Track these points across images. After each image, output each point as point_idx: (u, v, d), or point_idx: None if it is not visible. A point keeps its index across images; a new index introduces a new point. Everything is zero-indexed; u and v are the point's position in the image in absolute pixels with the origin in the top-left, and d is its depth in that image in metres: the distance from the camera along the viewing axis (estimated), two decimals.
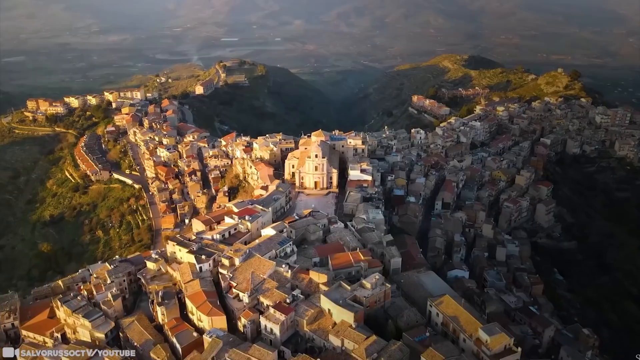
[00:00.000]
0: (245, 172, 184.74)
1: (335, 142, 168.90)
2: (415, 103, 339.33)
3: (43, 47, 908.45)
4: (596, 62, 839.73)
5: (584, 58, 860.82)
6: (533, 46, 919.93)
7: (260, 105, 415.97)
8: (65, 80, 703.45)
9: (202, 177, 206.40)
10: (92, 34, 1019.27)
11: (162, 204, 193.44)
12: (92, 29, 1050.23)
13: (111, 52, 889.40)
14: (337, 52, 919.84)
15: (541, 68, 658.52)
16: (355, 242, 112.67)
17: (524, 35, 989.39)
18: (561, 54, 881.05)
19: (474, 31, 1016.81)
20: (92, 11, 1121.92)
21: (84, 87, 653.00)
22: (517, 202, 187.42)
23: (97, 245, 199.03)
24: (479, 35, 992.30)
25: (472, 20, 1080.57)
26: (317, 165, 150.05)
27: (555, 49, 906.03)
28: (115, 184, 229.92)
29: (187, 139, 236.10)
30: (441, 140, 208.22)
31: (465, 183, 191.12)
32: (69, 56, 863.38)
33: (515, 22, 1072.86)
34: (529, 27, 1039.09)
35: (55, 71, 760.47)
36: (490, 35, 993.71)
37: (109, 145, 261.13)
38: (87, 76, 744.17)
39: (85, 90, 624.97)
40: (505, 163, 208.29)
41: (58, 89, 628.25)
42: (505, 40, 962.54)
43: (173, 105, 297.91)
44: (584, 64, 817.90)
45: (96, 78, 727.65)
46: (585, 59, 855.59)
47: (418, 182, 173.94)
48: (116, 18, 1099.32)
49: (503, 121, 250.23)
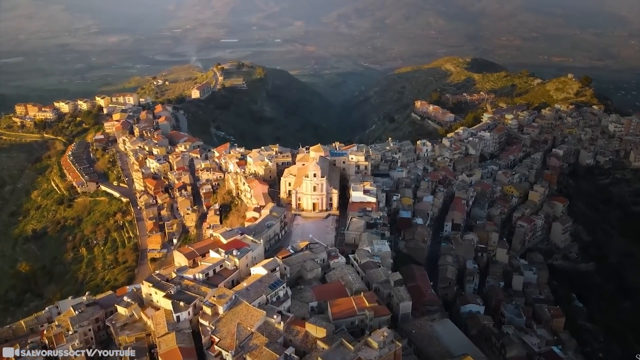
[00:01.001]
0: (238, 189, 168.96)
1: (335, 158, 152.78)
2: (418, 109, 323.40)
3: (41, 48, 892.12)
4: (598, 65, 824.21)
5: (585, 60, 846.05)
6: (534, 48, 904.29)
7: (258, 110, 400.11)
8: (63, 82, 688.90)
9: (193, 191, 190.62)
10: (91, 35, 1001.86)
11: (150, 221, 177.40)
12: (91, 30, 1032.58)
13: (110, 53, 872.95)
14: (338, 53, 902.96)
15: (542, 70, 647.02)
16: (358, 282, 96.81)
17: (524, 37, 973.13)
18: (562, 55, 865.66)
19: (475, 33, 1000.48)
20: (92, 12, 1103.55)
21: (81, 89, 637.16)
22: (532, 220, 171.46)
23: (79, 264, 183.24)
24: (480, 37, 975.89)
25: (472, 21, 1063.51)
26: (315, 185, 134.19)
27: (556, 50, 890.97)
28: (102, 196, 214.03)
29: (179, 148, 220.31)
30: (449, 152, 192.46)
31: (476, 200, 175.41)
32: (67, 57, 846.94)
33: (515, 23, 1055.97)
34: (529, 28, 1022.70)
35: (53, 72, 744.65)
36: (491, 37, 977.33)
37: (97, 154, 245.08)
38: (85, 78, 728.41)
39: (82, 92, 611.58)
40: (517, 177, 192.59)
41: (55, 91, 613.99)
42: (506, 42, 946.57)
43: (166, 111, 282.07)
44: (586, 66, 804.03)
45: (94, 79, 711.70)
46: (586, 61, 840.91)
47: (425, 200, 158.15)
48: (116, 19, 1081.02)
49: (512, 130, 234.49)
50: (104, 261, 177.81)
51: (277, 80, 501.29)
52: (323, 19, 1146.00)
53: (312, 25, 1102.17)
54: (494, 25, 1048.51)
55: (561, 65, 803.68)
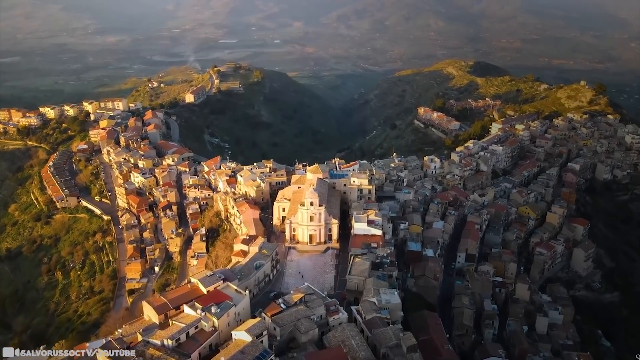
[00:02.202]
0: (227, 211, 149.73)
1: (335, 181, 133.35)
2: (421, 116, 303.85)
3: (39, 48, 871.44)
4: (598, 67, 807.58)
5: (585, 62, 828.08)
6: (534, 50, 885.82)
7: (255, 114, 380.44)
8: (59, 83, 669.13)
9: (180, 210, 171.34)
10: (90, 35, 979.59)
11: (130, 245, 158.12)
12: (89, 30, 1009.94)
13: (108, 53, 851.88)
14: (337, 54, 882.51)
15: (544, 73, 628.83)
16: (363, 347, 77.74)
17: (525, 39, 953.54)
18: (563, 58, 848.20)
19: (475, 34, 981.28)
20: (90, 11, 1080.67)
21: (76, 90, 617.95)
22: (551, 247, 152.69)
23: (53, 291, 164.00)
24: (480, 39, 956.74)
25: (472, 23, 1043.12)
26: (312, 215, 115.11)
27: (556, 53, 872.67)
28: (82, 213, 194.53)
29: (167, 161, 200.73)
30: (459, 169, 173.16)
31: (489, 223, 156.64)
32: (64, 57, 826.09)
33: (516, 25, 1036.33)
34: (529, 30, 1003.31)
35: (50, 73, 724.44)
36: (491, 38, 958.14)
37: (80, 165, 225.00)
38: (81, 78, 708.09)
39: (77, 94, 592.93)
40: (532, 196, 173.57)
41: (50, 92, 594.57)
42: (506, 44, 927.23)
43: (157, 118, 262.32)
44: (586, 68, 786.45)
45: (90, 80, 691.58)
46: (587, 63, 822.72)
47: (435, 227, 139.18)
48: (114, 18, 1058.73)
49: (524, 142, 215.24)
50: (79, 288, 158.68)
51: (275, 83, 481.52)
52: (322, 20, 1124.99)
53: (311, 26, 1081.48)
54: (494, 27, 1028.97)
55: (562, 68, 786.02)
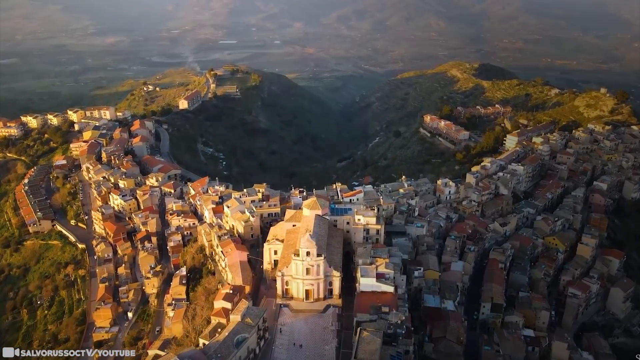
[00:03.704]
0: (212, 247, 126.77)
1: (337, 218, 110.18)
2: (427, 124, 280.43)
3: (37, 49, 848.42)
4: (602, 68, 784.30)
5: (589, 63, 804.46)
6: (536, 50, 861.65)
7: (252, 120, 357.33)
8: (56, 85, 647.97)
9: (161, 241, 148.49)
10: (89, 36, 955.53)
11: (102, 284, 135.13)
12: (88, 30, 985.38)
13: (106, 54, 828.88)
14: (337, 55, 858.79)
15: (547, 74, 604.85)
16: None
17: (526, 39, 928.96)
18: (566, 58, 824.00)
19: (476, 35, 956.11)
20: (90, 12, 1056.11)
21: (73, 92, 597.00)
22: (586, 287, 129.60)
23: (16, 334, 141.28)
24: (481, 39, 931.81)
25: (473, 23, 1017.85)
26: (309, 267, 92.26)
27: (559, 53, 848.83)
28: (55, 239, 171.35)
29: (150, 180, 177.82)
30: (476, 194, 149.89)
31: (513, 259, 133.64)
32: (63, 58, 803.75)
33: (517, 25, 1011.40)
34: (531, 31, 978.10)
35: (47, 74, 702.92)
36: (493, 39, 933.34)
37: (57, 182, 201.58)
38: (78, 80, 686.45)
39: (74, 96, 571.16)
40: (560, 224, 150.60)
41: (46, 94, 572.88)
42: (508, 45, 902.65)
43: (144, 129, 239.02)
44: (590, 69, 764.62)
45: (87, 82, 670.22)
46: (590, 63, 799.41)
47: (454, 269, 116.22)
48: (114, 19, 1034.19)
49: (544, 157, 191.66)
50: (44, 333, 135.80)
51: (273, 86, 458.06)
52: (323, 21, 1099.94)
53: (311, 26, 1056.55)
54: (495, 28, 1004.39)
55: (565, 69, 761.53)
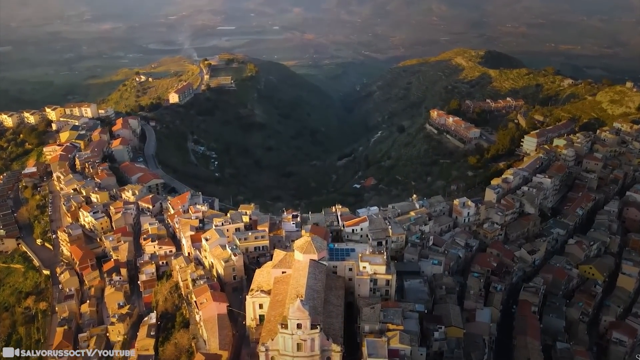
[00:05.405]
0: (187, 287, 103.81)
1: (337, 264, 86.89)
2: (434, 120, 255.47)
3: (32, 37, 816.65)
4: (607, 52, 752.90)
5: (594, 48, 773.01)
6: (540, 35, 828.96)
7: (248, 114, 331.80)
8: (49, 74, 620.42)
9: (133, 271, 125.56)
10: (84, 22, 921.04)
11: (60, 328, 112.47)
12: (84, 17, 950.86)
13: (102, 41, 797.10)
14: (337, 41, 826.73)
15: (551, 59, 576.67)
16: None
17: (530, 23, 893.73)
18: (570, 43, 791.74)
19: (479, 19, 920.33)
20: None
21: (67, 82, 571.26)
22: (634, 331, 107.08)
23: None
24: (484, 24, 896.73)
25: (475, 8, 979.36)
26: (301, 342, 69.42)
27: (563, 38, 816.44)
28: (17, 262, 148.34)
29: (126, 194, 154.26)
30: (499, 215, 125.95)
31: (545, 297, 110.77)
32: (57, 46, 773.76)
33: (520, 9, 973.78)
34: (534, 15, 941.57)
35: (41, 63, 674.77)
36: (496, 23, 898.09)
37: (25, 193, 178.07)
38: (73, 69, 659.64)
39: (67, 85, 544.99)
40: (595, 248, 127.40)
41: (38, 84, 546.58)
42: (511, 29, 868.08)
43: (127, 130, 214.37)
44: (595, 54, 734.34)
45: (82, 71, 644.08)
46: (595, 48, 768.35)
47: (480, 320, 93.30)
48: (110, 5, 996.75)
49: (569, 163, 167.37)
50: None
51: (271, 76, 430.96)
52: (322, 6, 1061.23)
53: (311, 11, 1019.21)
54: (498, 12, 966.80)
55: (569, 54, 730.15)
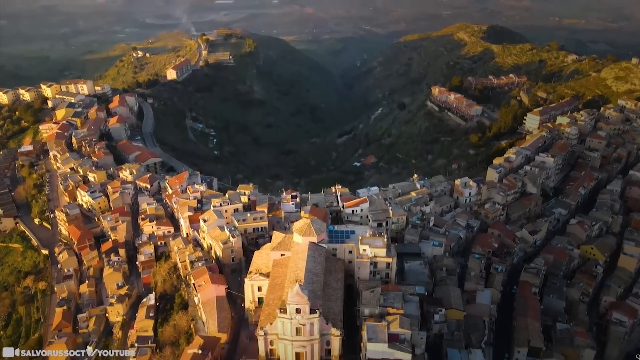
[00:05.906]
0: (186, 268, 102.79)
1: (337, 246, 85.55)
2: (435, 97, 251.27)
3: (27, 10, 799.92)
4: (612, 27, 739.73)
5: (598, 22, 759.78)
6: (544, 9, 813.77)
7: (246, 91, 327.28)
8: (45, 49, 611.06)
9: (131, 251, 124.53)
10: None
11: (59, 309, 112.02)
12: None
13: (98, 15, 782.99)
14: (338, 15, 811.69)
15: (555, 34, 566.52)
16: None
17: None
18: (574, 17, 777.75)
19: None
20: None
21: (63, 57, 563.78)
22: (634, 311, 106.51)
23: None
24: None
25: None
26: (299, 326, 68.46)
27: (567, 11, 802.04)
28: (16, 242, 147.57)
29: (123, 173, 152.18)
30: (501, 195, 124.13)
31: (546, 278, 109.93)
32: (53, 20, 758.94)
33: None
34: None
35: (36, 38, 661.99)
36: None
37: (22, 172, 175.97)
38: (69, 44, 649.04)
39: (64, 60, 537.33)
40: (596, 227, 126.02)
41: (35, 59, 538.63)
42: (514, 3, 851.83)
43: (124, 107, 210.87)
44: (600, 28, 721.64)
45: (78, 46, 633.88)
46: (600, 22, 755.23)
47: (480, 302, 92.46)
48: None
49: (571, 141, 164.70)
50: None
51: (270, 52, 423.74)
52: None
53: None
54: None
55: (574, 28, 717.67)
